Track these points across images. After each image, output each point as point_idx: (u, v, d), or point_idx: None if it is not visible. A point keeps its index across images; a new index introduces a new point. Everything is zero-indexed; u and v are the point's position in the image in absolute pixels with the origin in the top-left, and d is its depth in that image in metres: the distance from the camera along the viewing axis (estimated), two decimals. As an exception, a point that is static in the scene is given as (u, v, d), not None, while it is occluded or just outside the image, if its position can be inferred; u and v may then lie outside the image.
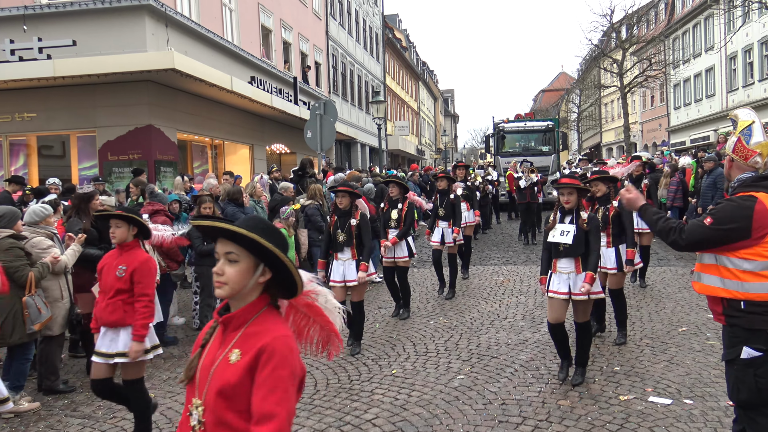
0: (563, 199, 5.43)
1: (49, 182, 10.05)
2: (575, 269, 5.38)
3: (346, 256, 6.76)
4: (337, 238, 6.75)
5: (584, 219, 5.38)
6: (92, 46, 13.68)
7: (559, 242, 5.38)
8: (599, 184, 6.79)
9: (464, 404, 5.18)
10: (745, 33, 27.49)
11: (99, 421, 5.22)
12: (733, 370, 3.31)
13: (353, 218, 6.70)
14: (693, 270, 3.60)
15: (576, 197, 5.45)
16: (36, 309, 5.49)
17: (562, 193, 5.45)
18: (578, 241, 5.33)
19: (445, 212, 9.31)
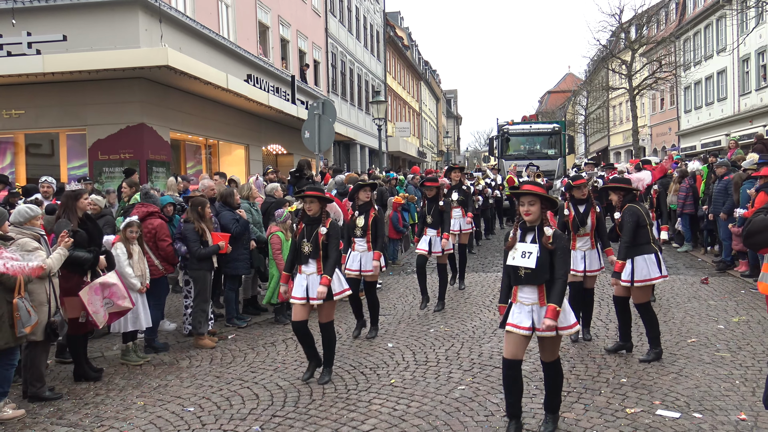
0: (523, 211, 4.50)
1: (42, 180, 9.69)
2: (539, 299, 4.49)
3: (310, 270, 5.95)
4: (302, 249, 5.95)
5: (549, 237, 4.43)
6: (83, 42, 13.58)
7: (519, 266, 4.48)
8: (617, 192, 6.58)
9: (465, 416, 5.08)
10: (758, 34, 27.01)
11: (86, 429, 5.14)
12: None
13: (323, 226, 5.94)
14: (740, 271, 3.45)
15: (539, 209, 4.50)
16: (26, 311, 5.35)
17: (522, 203, 4.50)
18: (543, 266, 4.42)
19: (433, 219, 8.83)
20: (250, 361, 6.82)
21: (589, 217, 6.95)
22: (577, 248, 6.93)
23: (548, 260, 4.42)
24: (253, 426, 5.02)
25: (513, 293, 4.59)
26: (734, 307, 8.42)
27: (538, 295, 4.48)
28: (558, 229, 4.56)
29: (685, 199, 13.00)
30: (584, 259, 7.01)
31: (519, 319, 4.52)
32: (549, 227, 4.47)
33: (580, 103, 55.62)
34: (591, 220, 6.94)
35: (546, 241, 4.42)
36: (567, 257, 4.50)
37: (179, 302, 9.23)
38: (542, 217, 4.50)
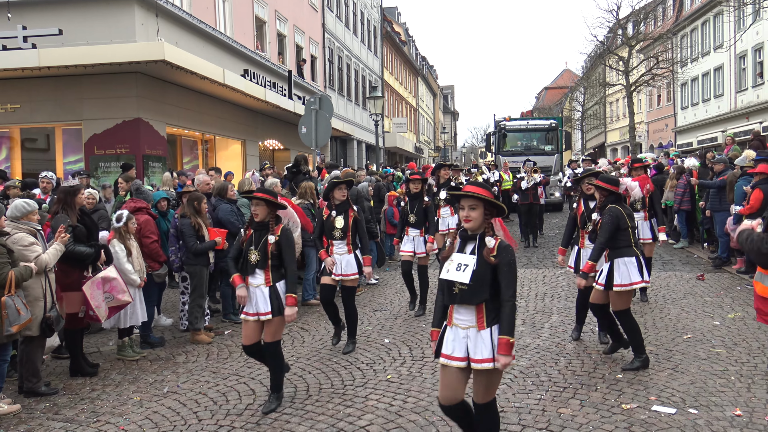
0: (462, 216, 3.77)
1: (42, 176, 9.67)
2: (477, 323, 3.73)
3: (258, 281, 5.20)
4: (249, 258, 5.22)
5: (491, 248, 3.69)
6: (79, 36, 13.50)
7: (452, 280, 3.75)
8: (601, 191, 6.19)
9: (462, 411, 4.92)
10: (755, 31, 27.02)
11: (82, 424, 5.11)
12: None
13: (271, 234, 5.18)
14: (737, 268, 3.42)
15: (481, 214, 3.75)
16: (15, 310, 5.30)
17: (462, 206, 3.77)
18: (480, 282, 3.67)
19: (416, 219, 8.31)
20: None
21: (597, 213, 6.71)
22: (585, 246, 6.69)
23: (489, 276, 3.67)
24: (250, 421, 5.02)
25: (448, 314, 3.87)
26: (730, 303, 8.44)
27: (476, 317, 3.72)
28: (505, 241, 3.79)
29: (683, 196, 13.03)
30: None
31: (452, 348, 3.78)
32: (492, 237, 3.74)
33: (577, 99, 55.60)
34: None
35: (487, 254, 3.68)
36: (514, 274, 3.69)
37: (176, 298, 9.23)
38: (485, 224, 3.77)
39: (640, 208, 8.42)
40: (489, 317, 3.70)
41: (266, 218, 5.23)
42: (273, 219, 5.24)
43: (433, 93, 66.92)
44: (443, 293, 3.87)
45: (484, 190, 3.78)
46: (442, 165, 10.83)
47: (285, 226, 5.31)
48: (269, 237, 5.18)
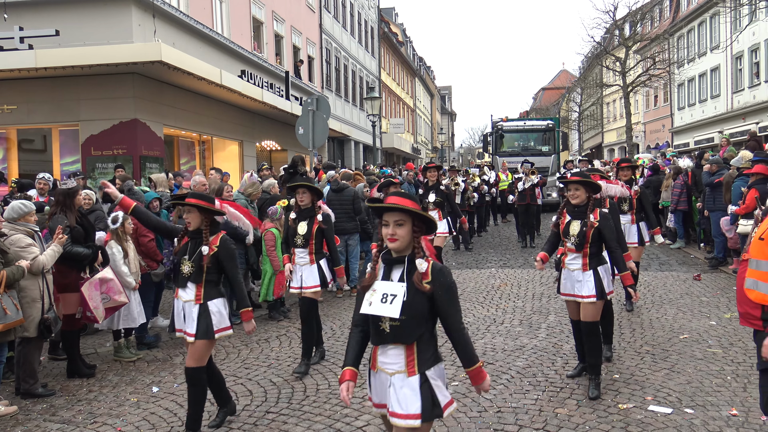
0: (386, 234, 3.04)
1: (39, 177, 9.67)
2: (406, 367, 3.03)
3: (188, 296, 4.65)
4: (181, 268, 4.66)
5: (423, 273, 3.01)
6: (76, 37, 13.46)
7: (378, 315, 3.04)
8: (580, 188, 5.37)
9: (459, 412, 5.05)
10: (751, 32, 27.08)
11: (79, 425, 5.10)
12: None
13: (204, 245, 4.60)
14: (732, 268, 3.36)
15: (409, 231, 3.06)
16: (1, 309, 5.26)
17: (386, 222, 3.06)
18: (414, 315, 2.99)
19: None
20: (244, 358, 6.81)
21: None
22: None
23: (424, 307, 2.99)
24: (247, 422, 5.02)
25: (372, 356, 3.15)
26: (726, 303, 8.45)
27: (406, 359, 3.03)
28: (440, 263, 3.10)
29: (679, 196, 13.07)
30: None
31: (379, 396, 3.16)
32: (423, 259, 3.04)
33: (574, 99, 55.64)
34: None
35: (419, 280, 3.00)
36: (456, 299, 3.07)
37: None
38: (413, 244, 3.07)
39: (627, 211, 8.05)
40: (421, 359, 3.02)
41: (200, 226, 4.64)
42: (208, 228, 4.64)
43: (431, 93, 66.93)
44: (362, 330, 3.18)
45: (411, 202, 3.07)
46: (429, 167, 10.29)
47: (225, 237, 4.71)
48: (203, 248, 4.59)
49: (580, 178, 5.51)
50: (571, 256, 5.48)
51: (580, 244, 5.36)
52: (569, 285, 5.53)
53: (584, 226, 5.35)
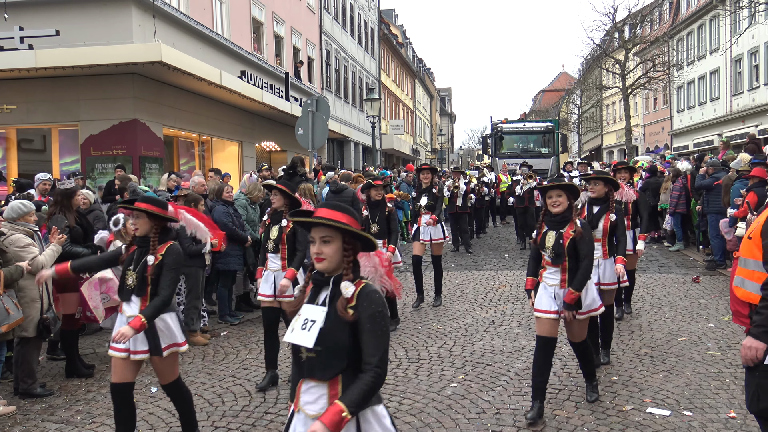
0: (314, 252, 2.66)
1: (39, 177, 9.68)
2: (329, 400, 2.58)
3: (132, 311, 4.25)
4: (125, 281, 4.28)
5: (347, 298, 2.58)
6: (76, 37, 13.46)
7: (297, 344, 2.62)
8: (562, 194, 4.80)
9: (457, 413, 5.06)
10: (751, 35, 27.09)
11: (77, 426, 5.11)
12: (755, 377, 3.23)
13: (151, 254, 4.19)
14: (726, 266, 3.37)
15: (338, 249, 2.64)
16: (4, 310, 5.26)
17: (312, 238, 2.67)
18: (331, 345, 2.56)
19: (379, 228, 7.55)
20: (243, 358, 6.81)
21: (602, 220, 5.92)
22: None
23: (345, 338, 2.54)
24: (246, 423, 5.02)
25: (295, 394, 2.69)
26: (725, 306, 8.45)
27: (328, 399, 2.58)
28: (373, 285, 2.66)
29: (678, 199, 13.08)
30: (597, 269, 5.87)
31: None
32: (352, 282, 2.62)
33: (573, 101, 55.65)
34: (604, 224, 5.92)
35: (342, 306, 2.57)
36: (381, 332, 2.54)
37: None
38: (344, 264, 2.64)
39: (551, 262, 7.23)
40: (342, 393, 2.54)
41: (149, 233, 4.23)
42: (157, 235, 4.24)
43: (430, 95, 66.95)
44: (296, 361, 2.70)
45: (343, 215, 2.66)
46: (422, 168, 9.72)
47: (174, 246, 4.27)
48: (148, 258, 4.18)
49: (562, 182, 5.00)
50: (550, 270, 4.90)
51: (558, 256, 4.78)
52: (545, 301, 4.87)
53: (560, 237, 4.75)
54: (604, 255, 6.00)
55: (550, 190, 4.82)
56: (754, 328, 3.15)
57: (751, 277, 3.28)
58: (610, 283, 6.04)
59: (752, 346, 3.12)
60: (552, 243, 4.80)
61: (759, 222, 3.29)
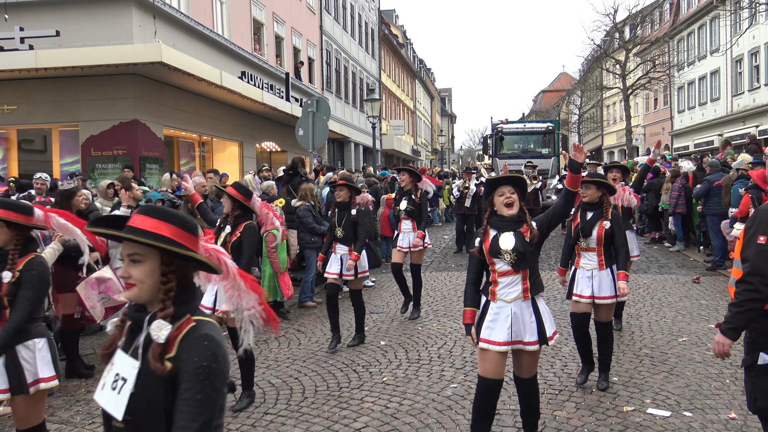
0: (124, 274, 2.01)
1: (37, 177, 9.72)
2: None
3: None
4: None
5: (161, 344, 1.94)
6: (76, 37, 13.49)
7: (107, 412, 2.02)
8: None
9: (457, 414, 5.05)
10: (751, 35, 27.09)
11: (78, 426, 5.10)
12: (751, 377, 3.30)
13: (8, 270, 3.55)
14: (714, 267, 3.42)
15: (154, 272, 2.00)
16: None
17: (122, 257, 2.09)
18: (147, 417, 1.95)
19: (344, 233, 6.99)
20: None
21: (596, 228, 5.38)
22: (581, 266, 5.49)
23: (162, 402, 1.92)
24: (245, 423, 5.01)
25: None
26: (725, 306, 8.39)
27: None
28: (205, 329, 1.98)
29: (678, 199, 13.08)
30: (592, 281, 5.48)
31: None
32: (167, 321, 1.96)
33: (574, 102, 55.64)
34: (598, 232, 5.35)
35: (155, 355, 1.92)
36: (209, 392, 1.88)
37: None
38: (161, 293, 2.00)
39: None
40: None
41: (8, 245, 3.58)
42: (18, 247, 3.60)
43: (431, 95, 66.94)
44: None
45: (166, 224, 2.01)
46: (404, 168, 8.87)
47: (35, 259, 3.63)
48: (4, 274, 3.51)
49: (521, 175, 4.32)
50: (504, 281, 4.05)
51: (521, 261, 3.98)
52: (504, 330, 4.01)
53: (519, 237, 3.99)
54: (600, 266, 5.42)
55: (501, 185, 4.08)
56: (723, 324, 3.31)
57: None
58: (606, 297, 5.40)
59: (719, 341, 3.33)
60: (511, 246, 3.97)
61: None
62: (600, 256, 5.43)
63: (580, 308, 5.47)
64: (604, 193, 5.47)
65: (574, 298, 5.49)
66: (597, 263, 5.44)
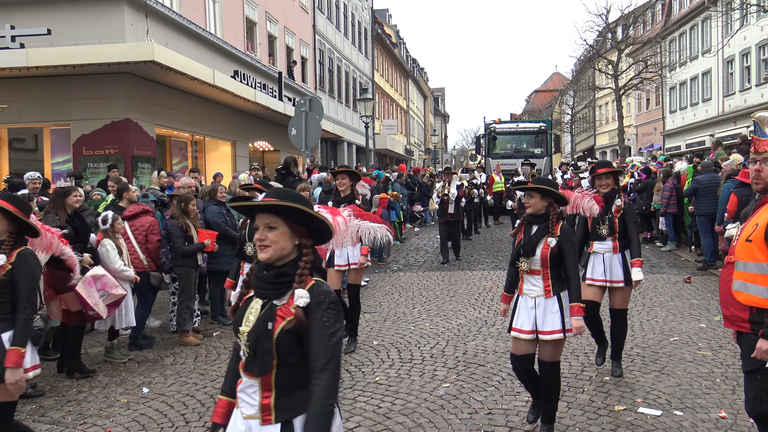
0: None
1: (29, 176, 9.65)
2: None
3: None
4: None
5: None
6: (68, 36, 13.39)
7: None
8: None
9: (449, 413, 5.06)
10: (742, 36, 27.24)
11: (69, 426, 5.09)
12: (757, 380, 3.19)
13: None
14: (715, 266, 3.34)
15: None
16: None
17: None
18: None
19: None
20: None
21: (540, 245, 4.37)
22: (524, 292, 4.48)
23: None
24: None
25: None
26: (716, 306, 8.48)
27: None
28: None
29: (669, 199, 13.13)
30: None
31: None
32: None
33: (566, 102, 55.81)
34: (542, 251, 4.36)
35: None
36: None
37: (165, 299, 9.18)
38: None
39: (606, 235, 5.72)
40: None
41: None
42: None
43: (424, 95, 67.00)
44: None
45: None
46: (340, 171, 7.24)
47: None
48: None
49: None
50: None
51: None
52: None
53: None
54: (546, 293, 4.37)
55: None
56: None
57: (755, 280, 3.19)
58: (550, 332, 4.35)
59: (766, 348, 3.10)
60: None
61: (758, 224, 3.22)
62: (546, 281, 4.37)
63: (520, 348, 4.45)
64: (549, 202, 4.40)
65: (513, 333, 4.48)
66: (542, 289, 4.39)
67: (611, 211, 5.65)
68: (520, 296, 4.49)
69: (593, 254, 5.79)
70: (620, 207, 5.67)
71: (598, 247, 5.76)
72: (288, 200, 2.32)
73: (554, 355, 4.43)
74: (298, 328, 2.26)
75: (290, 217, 2.32)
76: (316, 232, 2.40)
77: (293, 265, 2.33)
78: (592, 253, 5.80)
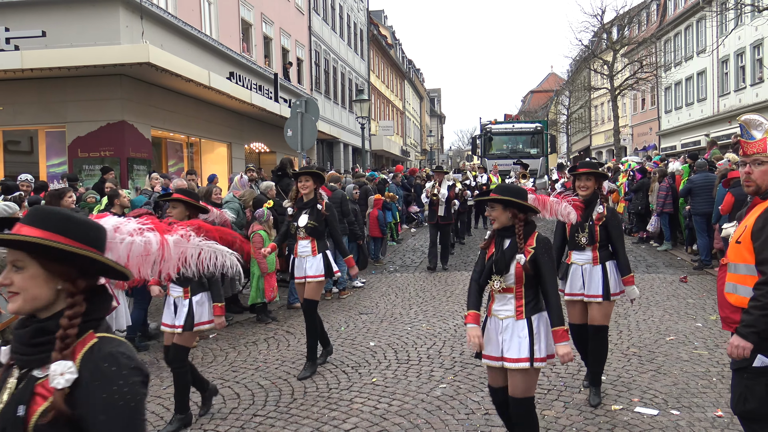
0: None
1: (22, 178, 9.65)
2: None
3: None
4: None
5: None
6: (63, 38, 13.36)
7: None
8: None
9: (446, 414, 5.06)
10: (737, 36, 27.34)
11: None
12: (743, 378, 3.21)
13: None
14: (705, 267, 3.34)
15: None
16: None
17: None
18: None
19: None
20: (231, 360, 6.79)
21: (513, 263, 3.76)
22: (493, 312, 3.93)
23: None
24: (234, 425, 5.00)
25: None
26: (712, 305, 8.49)
27: None
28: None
29: (665, 199, 13.15)
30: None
31: None
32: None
33: (562, 102, 55.94)
34: (516, 269, 3.75)
35: None
36: None
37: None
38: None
39: (585, 244, 5.14)
40: None
41: None
42: None
43: (420, 96, 67.04)
44: None
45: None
46: (303, 172, 6.43)
47: None
48: None
49: None
50: None
51: None
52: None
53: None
54: (518, 314, 3.80)
55: None
56: (742, 327, 3.12)
57: (744, 281, 3.21)
58: (516, 360, 3.75)
59: (739, 345, 3.12)
60: None
61: (747, 226, 3.22)
62: (519, 300, 3.81)
63: (497, 379, 3.94)
64: (513, 213, 3.78)
65: (484, 361, 3.94)
66: (514, 310, 3.83)
67: (592, 218, 5.02)
68: (489, 317, 3.93)
69: (572, 265, 5.17)
70: (602, 215, 5.03)
71: (577, 257, 5.13)
72: (40, 226, 1.62)
73: (525, 390, 3.75)
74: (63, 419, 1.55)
75: (41, 253, 1.62)
76: (100, 270, 1.72)
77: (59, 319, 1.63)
78: (571, 264, 5.17)
